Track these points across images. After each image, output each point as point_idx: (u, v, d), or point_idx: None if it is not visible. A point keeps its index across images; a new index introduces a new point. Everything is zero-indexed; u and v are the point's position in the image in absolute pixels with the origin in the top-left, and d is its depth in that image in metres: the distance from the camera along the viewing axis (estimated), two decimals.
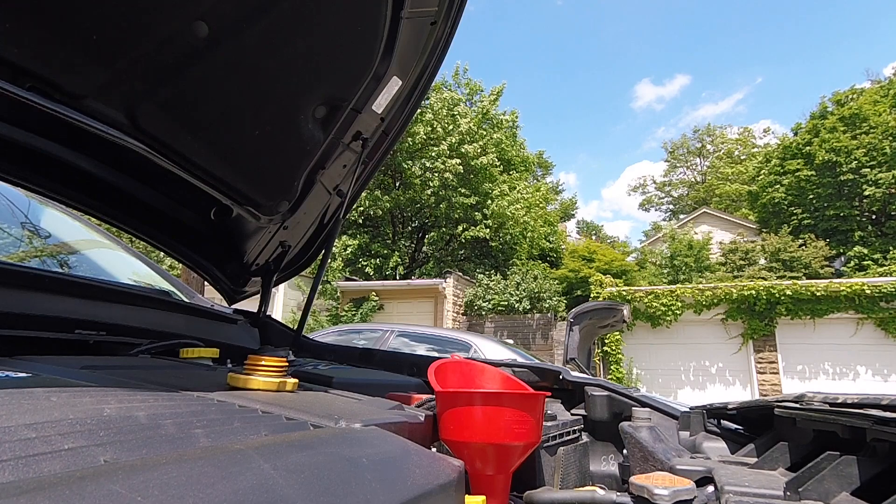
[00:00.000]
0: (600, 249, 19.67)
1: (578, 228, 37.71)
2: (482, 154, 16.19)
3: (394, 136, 1.58)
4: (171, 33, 0.99)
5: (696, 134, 37.16)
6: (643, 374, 12.20)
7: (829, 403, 0.80)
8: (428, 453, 0.57)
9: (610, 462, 1.28)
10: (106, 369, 0.78)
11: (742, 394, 11.37)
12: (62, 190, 1.33)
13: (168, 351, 1.14)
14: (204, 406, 0.57)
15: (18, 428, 0.36)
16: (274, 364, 0.77)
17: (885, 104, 18.22)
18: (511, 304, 13.49)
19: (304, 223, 1.62)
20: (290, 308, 13.87)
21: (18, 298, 0.98)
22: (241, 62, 1.11)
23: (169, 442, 0.41)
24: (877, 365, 10.73)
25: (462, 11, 1.37)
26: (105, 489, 0.28)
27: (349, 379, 1.17)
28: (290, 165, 1.37)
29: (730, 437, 1.20)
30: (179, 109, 1.11)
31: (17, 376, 0.60)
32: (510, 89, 70.25)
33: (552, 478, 1.11)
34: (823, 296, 10.73)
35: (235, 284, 1.75)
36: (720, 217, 21.84)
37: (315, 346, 1.72)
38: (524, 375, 1.40)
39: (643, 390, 2.50)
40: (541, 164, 29.08)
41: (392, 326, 6.02)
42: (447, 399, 0.83)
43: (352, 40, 1.24)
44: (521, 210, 16.30)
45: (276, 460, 0.39)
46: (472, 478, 0.81)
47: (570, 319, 4.95)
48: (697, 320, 11.82)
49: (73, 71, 0.95)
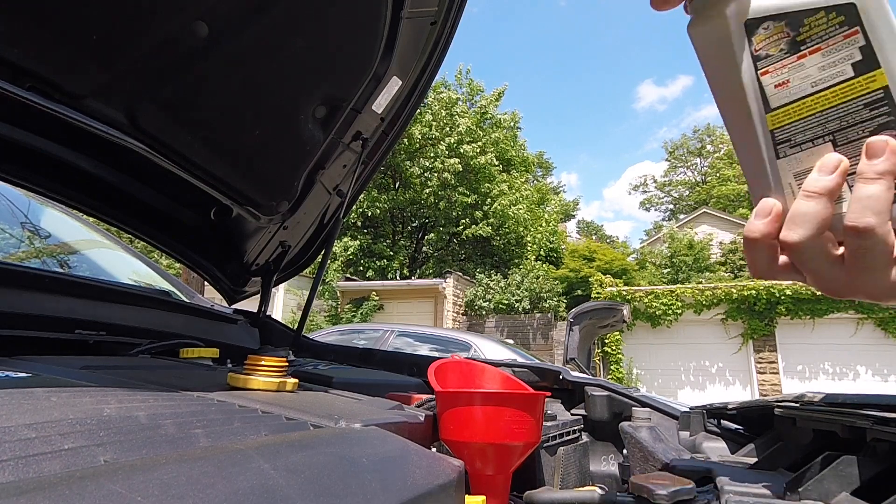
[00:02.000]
0: (600, 249, 19.67)
1: (579, 228, 37.73)
2: (481, 154, 16.18)
3: (394, 136, 1.59)
4: (171, 33, 0.99)
5: (696, 134, 37.18)
6: (643, 374, 12.20)
7: (828, 403, 0.80)
8: (428, 453, 0.57)
9: (610, 462, 1.28)
10: (106, 369, 0.78)
11: (742, 394, 11.37)
12: (62, 190, 1.33)
13: (168, 351, 1.14)
14: (204, 406, 0.57)
15: (18, 428, 0.36)
16: (274, 364, 0.77)
17: None
18: (511, 304, 13.49)
19: (304, 223, 1.62)
20: (290, 308, 13.86)
21: (18, 298, 0.98)
22: (241, 62, 1.11)
23: (169, 442, 0.41)
24: (877, 365, 10.73)
25: (462, 11, 1.37)
26: (105, 489, 0.28)
27: (349, 379, 1.17)
28: (290, 165, 1.37)
29: (730, 437, 1.20)
30: (179, 109, 1.11)
31: (17, 376, 0.60)
32: (512, 90, 70.38)
33: (552, 478, 1.11)
34: (823, 296, 10.67)
35: (235, 284, 1.75)
36: (720, 217, 21.83)
37: (315, 346, 1.71)
38: (524, 375, 1.40)
39: (643, 390, 2.50)
40: (541, 165, 29.07)
41: (392, 326, 6.02)
42: (447, 399, 0.83)
43: (352, 40, 1.24)
44: (521, 210, 16.30)
45: (276, 460, 0.39)
46: (472, 478, 0.81)
47: (570, 319, 4.96)
48: (697, 320, 11.82)
49: (73, 71, 0.95)
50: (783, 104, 0.42)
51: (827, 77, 0.40)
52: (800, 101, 0.41)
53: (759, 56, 0.42)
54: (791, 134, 0.42)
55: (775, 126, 0.42)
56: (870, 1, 0.38)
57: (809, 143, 0.41)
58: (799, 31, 0.40)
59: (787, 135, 0.42)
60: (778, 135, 0.42)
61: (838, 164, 0.39)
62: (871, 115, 0.39)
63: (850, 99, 0.39)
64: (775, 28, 0.41)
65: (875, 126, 0.39)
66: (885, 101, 0.38)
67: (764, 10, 0.41)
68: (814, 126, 0.41)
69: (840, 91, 0.39)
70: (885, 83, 0.38)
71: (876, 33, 0.38)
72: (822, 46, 0.39)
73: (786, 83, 0.41)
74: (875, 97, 0.38)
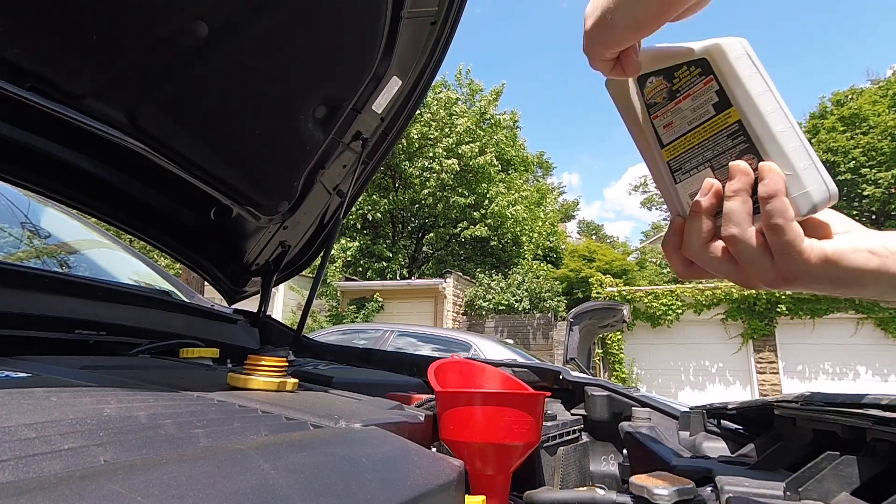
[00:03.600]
0: (601, 249, 19.68)
1: (579, 228, 37.71)
2: (480, 154, 16.16)
3: (394, 136, 1.59)
4: (171, 33, 0.99)
5: None
6: (643, 374, 12.20)
7: (828, 403, 0.80)
8: (428, 453, 0.57)
9: (610, 462, 1.28)
10: (106, 369, 0.78)
11: (742, 394, 11.37)
12: (62, 190, 1.33)
13: (168, 351, 1.14)
14: (204, 406, 0.57)
15: (18, 428, 0.36)
16: (274, 364, 0.77)
17: (885, 104, 18.20)
18: (511, 304, 13.48)
19: (304, 223, 1.62)
20: (290, 308, 13.86)
21: (18, 298, 0.98)
22: (241, 62, 1.11)
23: (169, 442, 0.41)
24: (877, 365, 10.73)
25: (462, 11, 1.37)
26: (105, 489, 0.28)
27: (349, 379, 1.17)
28: (290, 165, 1.37)
29: (730, 437, 1.20)
30: (179, 109, 1.11)
31: (17, 376, 0.60)
32: (514, 90, 70.34)
33: (552, 478, 1.11)
34: (823, 296, 10.71)
35: (235, 284, 1.75)
36: None
37: (315, 345, 1.71)
38: (524, 375, 1.40)
39: (643, 390, 2.50)
40: (541, 165, 29.04)
41: (392, 326, 6.02)
42: (447, 399, 0.83)
43: (352, 40, 1.24)
44: (520, 210, 16.28)
45: (276, 460, 0.39)
46: (472, 478, 0.81)
47: (570, 319, 4.95)
48: (697, 320, 11.82)
49: (73, 71, 0.95)
50: (671, 140, 0.52)
51: (697, 116, 0.49)
52: (683, 137, 0.51)
53: (650, 104, 0.53)
54: (681, 163, 0.52)
55: (670, 158, 0.53)
56: (717, 55, 0.47)
57: (695, 170, 0.51)
58: (672, 82, 0.50)
59: (679, 164, 0.52)
60: (672, 164, 0.52)
61: (710, 187, 0.49)
62: (733, 143, 0.48)
63: (716, 132, 0.49)
64: (657, 81, 0.51)
65: (738, 152, 0.47)
66: (741, 132, 0.47)
67: (648, 68, 0.51)
68: (696, 156, 0.51)
69: (708, 126, 0.49)
70: (738, 118, 0.47)
71: (724, 79, 0.47)
72: (691, 93, 0.49)
73: (671, 124, 0.52)
74: (733, 129, 0.48)
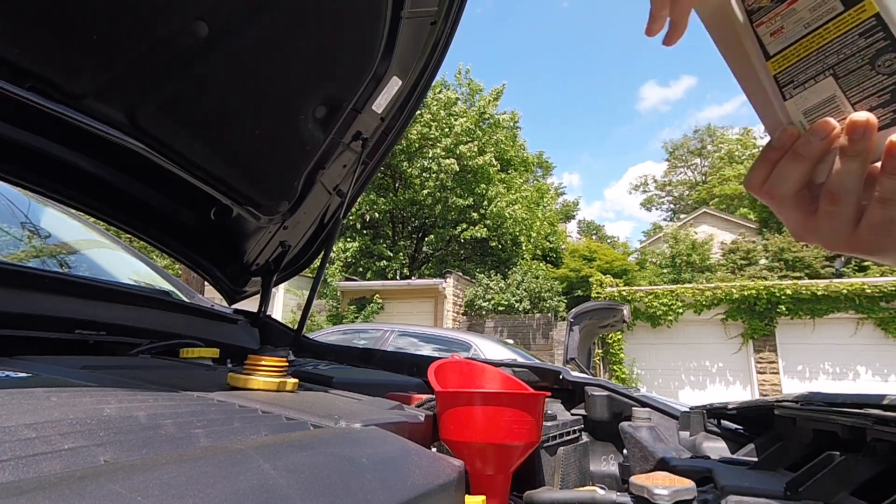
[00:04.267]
0: (601, 249, 19.67)
1: (579, 228, 37.70)
2: (479, 154, 16.15)
3: (394, 136, 1.59)
4: (171, 33, 0.99)
5: (697, 134, 37.19)
6: (643, 374, 12.20)
7: (828, 403, 0.80)
8: (428, 453, 0.57)
9: (610, 462, 1.28)
10: (106, 369, 0.78)
11: (742, 394, 11.36)
12: (62, 190, 1.33)
13: (168, 351, 1.14)
14: (204, 406, 0.57)
15: (18, 428, 0.36)
16: (274, 364, 0.77)
17: None
18: (511, 304, 13.48)
19: (304, 223, 1.62)
20: (290, 308, 13.86)
21: (18, 298, 0.98)
22: (241, 62, 1.11)
23: (169, 442, 0.41)
24: (877, 365, 10.72)
25: (462, 11, 1.37)
26: (105, 489, 0.28)
27: (349, 379, 1.17)
28: (290, 165, 1.37)
29: (730, 437, 1.20)
30: (179, 109, 1.11)
31: (17, 376, 0.60)
32: (515, 90, 70.26)
33: (552, 478, 1.11)
34: (824, 296, 10.72)
35: (235, 284, 1.75)
36: (720, 217, 21.83)
37: (315, 345, 1.72)
38: (524, 375, 1.40)
39: (643, 390, 2.50)
40: (541, 165, 29.02)
41: (392, 326, 6.02)
42: (447, 399, 0.83)
43: (352, 40, 1.24)
44: (519, 210, 16.27)
45: (276, 460, 0.39)
46: (472, 478, 0.81)
47: (570, 319, 4.95)
48: (698, 320, 11.81)
49: (73, 71, 0.95)
50: (781, 49, 0.45)
51: (818, 16, 0.42)
52: (797, 44, 0.44)
53: (753, 10, 0.45)
54: (793, 75, 0.44)
55: (777, 70, 0.45)
56: None
57: (812, 80, 0.44)
58: None
59: (790, 76, 0.45)
60: (781, 78, 0.45)
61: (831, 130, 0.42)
62: (867, 42, 0.40)
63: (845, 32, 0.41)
64: None
65: (874, 52, 0.40)
66: (879, 27, 0.40)
67: None
68: (813, 64, 0.43)
69: (833, 27, 0.42)
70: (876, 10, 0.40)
71: None
72: None
73: (780, 30, 0.44)
74: (868, 25, 0.40)
